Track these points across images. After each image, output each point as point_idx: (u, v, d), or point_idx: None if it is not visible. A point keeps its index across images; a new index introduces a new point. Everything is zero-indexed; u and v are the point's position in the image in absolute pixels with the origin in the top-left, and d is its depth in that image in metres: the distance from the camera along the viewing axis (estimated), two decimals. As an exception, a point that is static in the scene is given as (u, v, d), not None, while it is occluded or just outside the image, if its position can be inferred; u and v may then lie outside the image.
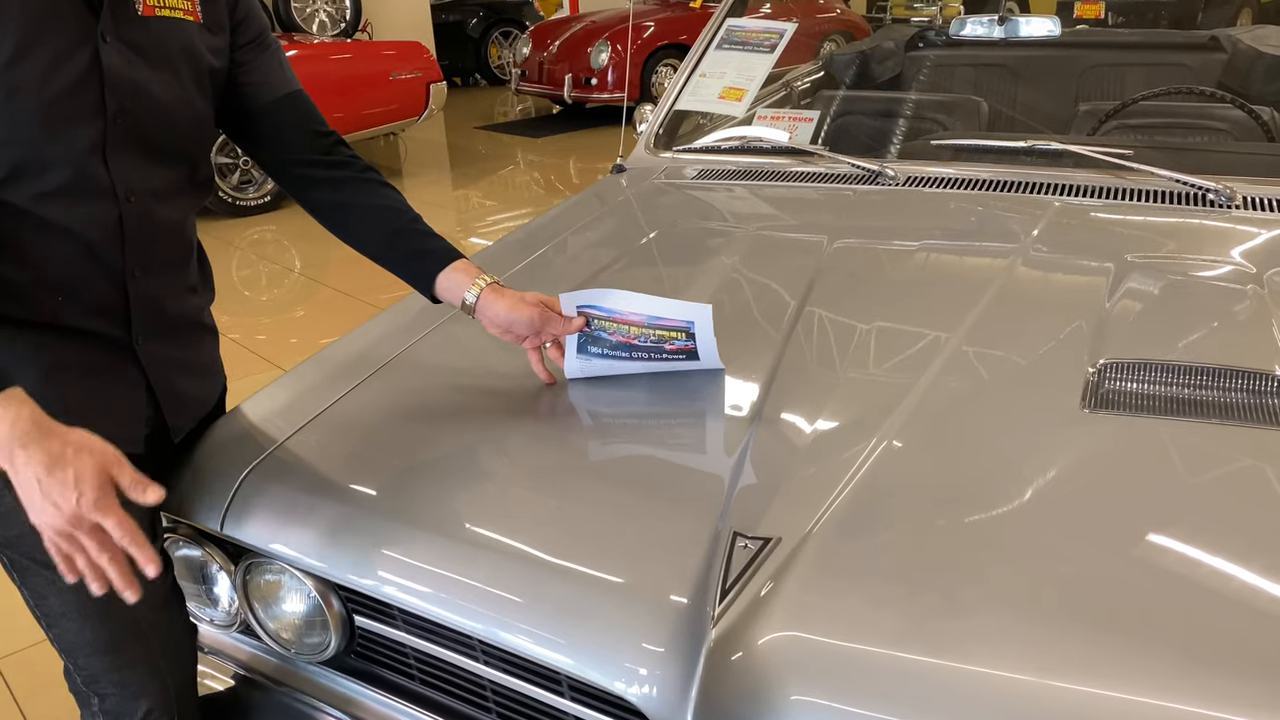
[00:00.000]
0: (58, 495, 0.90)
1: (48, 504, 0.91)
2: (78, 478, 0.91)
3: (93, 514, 0.91)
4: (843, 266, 1.64)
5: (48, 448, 0.91)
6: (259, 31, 1.25)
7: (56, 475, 0.91)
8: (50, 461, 0.91)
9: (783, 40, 2.33)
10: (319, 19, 8.67)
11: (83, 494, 0.91)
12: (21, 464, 0.91)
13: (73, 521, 0.92)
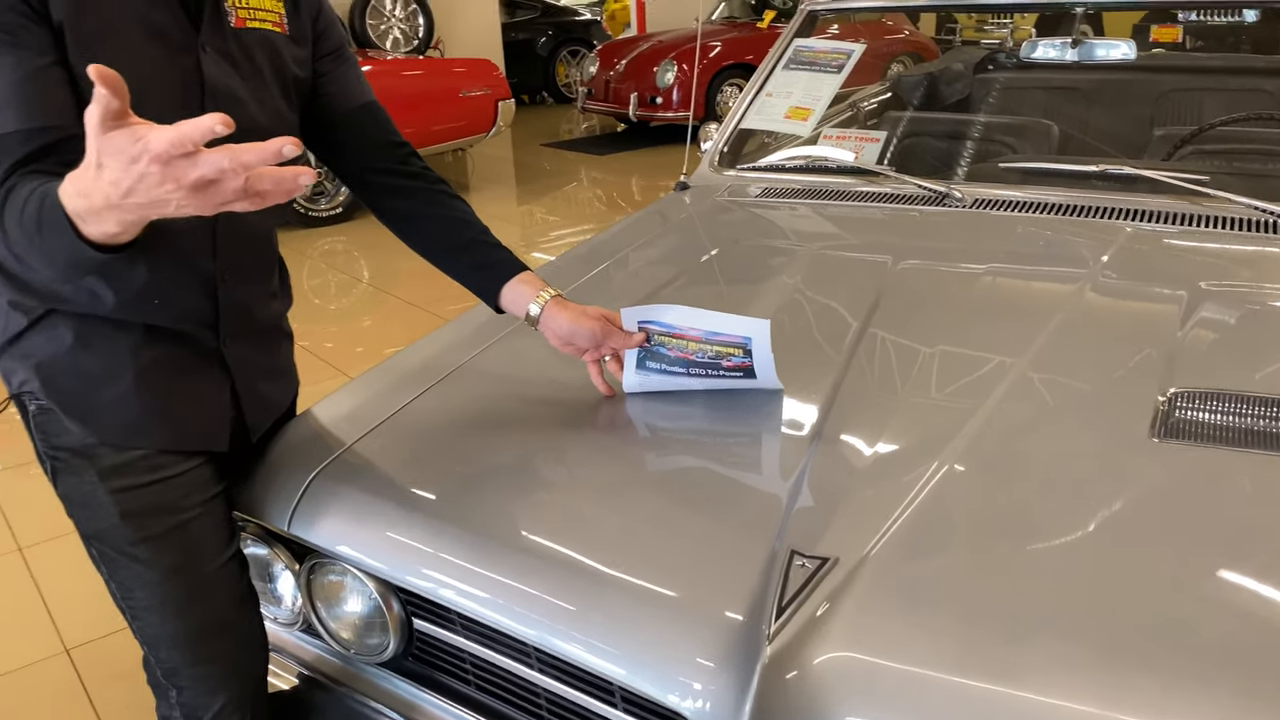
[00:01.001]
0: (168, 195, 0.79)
1: (173, 202, 0.79)
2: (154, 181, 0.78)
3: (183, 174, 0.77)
4: (907, 288, 1.63)
5: (107, 184, 0.79)
6: (338, 44, 1.30)
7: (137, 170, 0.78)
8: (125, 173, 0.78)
9: (850, 61, 2.33)
10: (393, 36, 8.87)
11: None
12: (125, 208, 0.81)
13: (193, 198, 0.79)
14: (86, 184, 0.81)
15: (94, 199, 0.81)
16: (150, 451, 1.16)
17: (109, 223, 0.83)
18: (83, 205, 0.83)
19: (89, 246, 0.86)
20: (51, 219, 0.86)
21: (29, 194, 0.91)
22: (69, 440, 1.15)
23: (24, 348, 1.13)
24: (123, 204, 0.79)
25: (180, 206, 0.79)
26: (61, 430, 1.14)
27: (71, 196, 0.83)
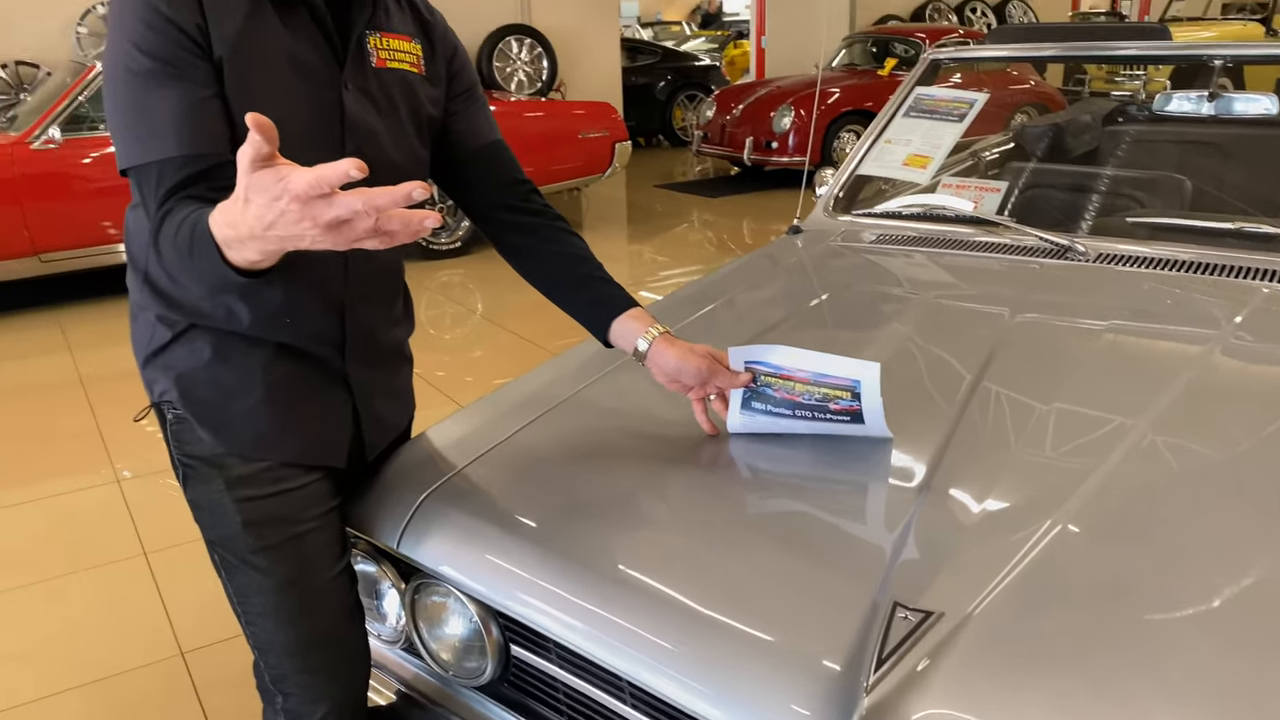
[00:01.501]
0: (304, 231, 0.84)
1: (318, 239, 0.85)
2: (293, 218, 0.84)
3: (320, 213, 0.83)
4: (1024, 342, 1.59)
5: (252, 217, 0.85)
6: (470, 84, 1.36)
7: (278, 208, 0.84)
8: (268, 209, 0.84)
9: (972, 110, 2.30)
10: (517, 78, 9.16)
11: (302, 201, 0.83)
12: (266, 239, 0.86)
13: (328, 234, 0.84)
14: (234, 215, 0.88)
15: (239, 229, 0.88)
16: (274, 464, 1.22)
17: (251, 251, 0.90)
18: (229, 234, 0.90)
19: (233, 271, 0.93)
20: (202, 244, 0.94)
21: (183, 219, 0.99)
22: (200, 449, 1.21)
23: (166, 359, 1.21)
24: (264, 236, 0.86)
25: (315, 241, 0.85)
26: (194, 439, 1.21)
27: (220, 225, 0.91)
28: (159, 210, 1.04)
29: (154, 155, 1.05)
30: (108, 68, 1.07)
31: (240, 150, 0.83)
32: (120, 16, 1.06)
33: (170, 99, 1.04)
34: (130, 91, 1.05)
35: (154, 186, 1.05)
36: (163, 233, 1.02)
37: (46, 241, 5.18)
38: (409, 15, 1.28)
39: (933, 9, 11.93)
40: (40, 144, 5.09)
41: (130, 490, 3.25)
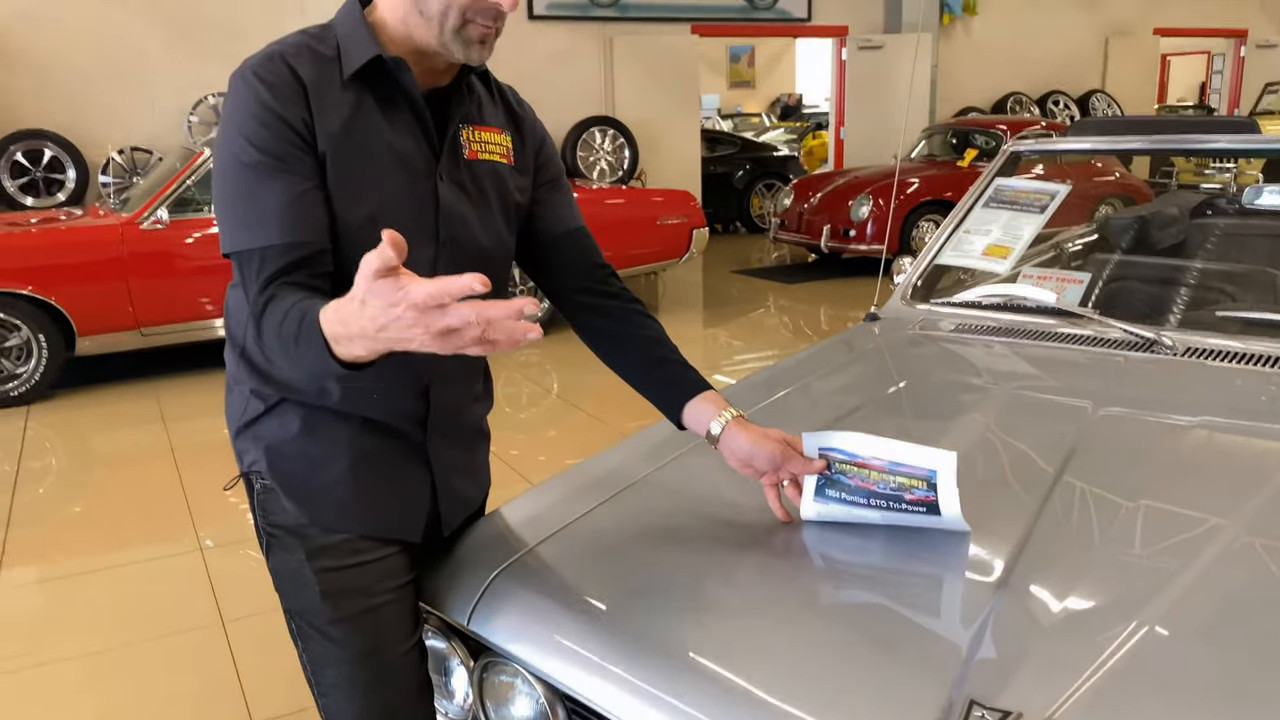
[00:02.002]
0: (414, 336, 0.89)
1: (425, 343, 0.90)
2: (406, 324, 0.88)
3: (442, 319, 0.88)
4: (1108, 437, 1.55)
5: (367, 319, 0.90)
6: (556, 173, 1.41)
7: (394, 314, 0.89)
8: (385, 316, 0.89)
9: (1054, 202, 2.29)
10: (600, 166, 9.41)
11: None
12: (376, 340, 0.91)
13: (438, 341, 0.89)
14: (347, 314, 0.93)
15: (351, 328, 0.93)
16: (353, 536, 1.25)
17: (358, 348, 0.94)
18: (340, 331, 0.94)
19: (337, 363, 0.97)
20: (310, 336, 0.99)
21: (289, 307, 1.04)
22: (285, 519, 1.25)
23: (258, 431, 1.26)
24: (375, 337, 0.91)
25: (422, 345, 0.90)
26: (279, 509, 1.25)
27: (331, 322, 0.96)
28: (261, 294, 1.10)
29: (258, 242, 1.11)
30: (218, 157, 1.14)
31: (366, 257, 0.88)
32: (233, 109, 1.13)
33: (276, 190, 1.11)
34: (238, 181, 1.12)
35: (255, 271, 1.11)
36: (266, 317, 1.08)
37: (149, 316, 5.44)
38: (500, 108, 1.34)
39: (1014, 101, 11.95)
40: (149, 224, 5.39)
41: (212, 559, 3.33)
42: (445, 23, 1.15)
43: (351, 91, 1.17)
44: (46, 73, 7.46)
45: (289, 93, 1.13)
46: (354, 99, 1.17)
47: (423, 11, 1.16)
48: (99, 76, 7.62)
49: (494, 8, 1.15)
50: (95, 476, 4.30)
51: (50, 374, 5.27)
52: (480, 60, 1.19)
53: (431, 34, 1.17)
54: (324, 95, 1.15)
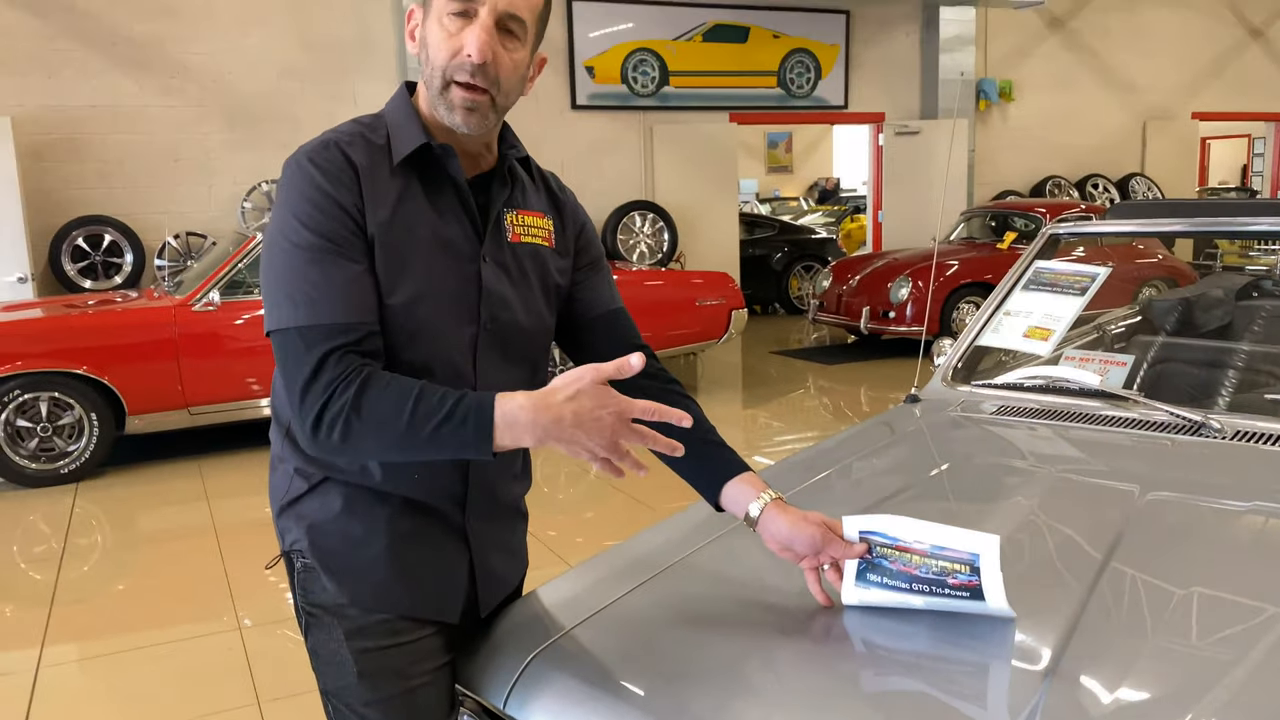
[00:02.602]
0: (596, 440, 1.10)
1: (593, 444, 1.10)
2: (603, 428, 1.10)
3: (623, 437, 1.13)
4: (1157, 521, 1.51)
5: (570, 412, 1.09)
6: (595, 256, 1.44)
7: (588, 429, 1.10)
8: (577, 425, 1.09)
9: (1095, 284, 2.28)
10: (640, 249, 9.55)
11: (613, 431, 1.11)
12: (562, 431, 1.09)
13: (609, 449, 1.12)
14: (545, 402, 1.06)
15: (542, 416, 1.07)
16: (391, 617, 1.26)
17: (525, 437, 1.08)
18: (522, 417, 1.07)
19: (488, 447, 1.09)
20: (469, 416, 1.09)
21: (420, 387, 1.12)
22: (324, 598, 1.26)
23: (300, 509, 1.27)
24: (557, 430, 1.07)
25: (589, 449, 1.09)
26: (319, 588, 1.26)
27: (520, 407, 1.08)
28: (323, 370, 1.12)
29: (306, 320, 1.13)
30: (270, 238, 1.18)
31: (603, 365, 1.08)
32: (287, 192, 1.18)
33: (327, 271, 1.14)
34: (289, 261, 1.15)
35: (304, 348, 1.13)
36: (372, 389, 1.11)
37: (197, 395, 5.55)
38: (543, 193, 1.38)
39: (1052, 185, 11.99)
40: (201, 306, 5.54)
41: (250, 638, 3.33)
42: (433, 85, 1.20)
43: (400, 177, 1.22)
44: (111, 163, 7.79)
45: (343, 177, 1.17)
46: (402, 184, 1.21)
47: (428, 84, 1.21)
48: (160, 166, 7.94)
49: (466, 62, 1.17)
50: (139, 554, 4.35)
51: (100, 452, 5.38)
52: (469, 129, 1.21)
53: (435, 109, 1.22)
54: (375, 181, 1.19)
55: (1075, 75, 12.07)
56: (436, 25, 1.18)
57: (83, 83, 7.63)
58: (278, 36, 8.18)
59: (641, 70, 9.61)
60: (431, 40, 1.19)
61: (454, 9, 1.17)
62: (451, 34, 1.17)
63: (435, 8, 1.19)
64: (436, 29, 1.18)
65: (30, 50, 7.46)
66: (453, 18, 1.17)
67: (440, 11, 1.18)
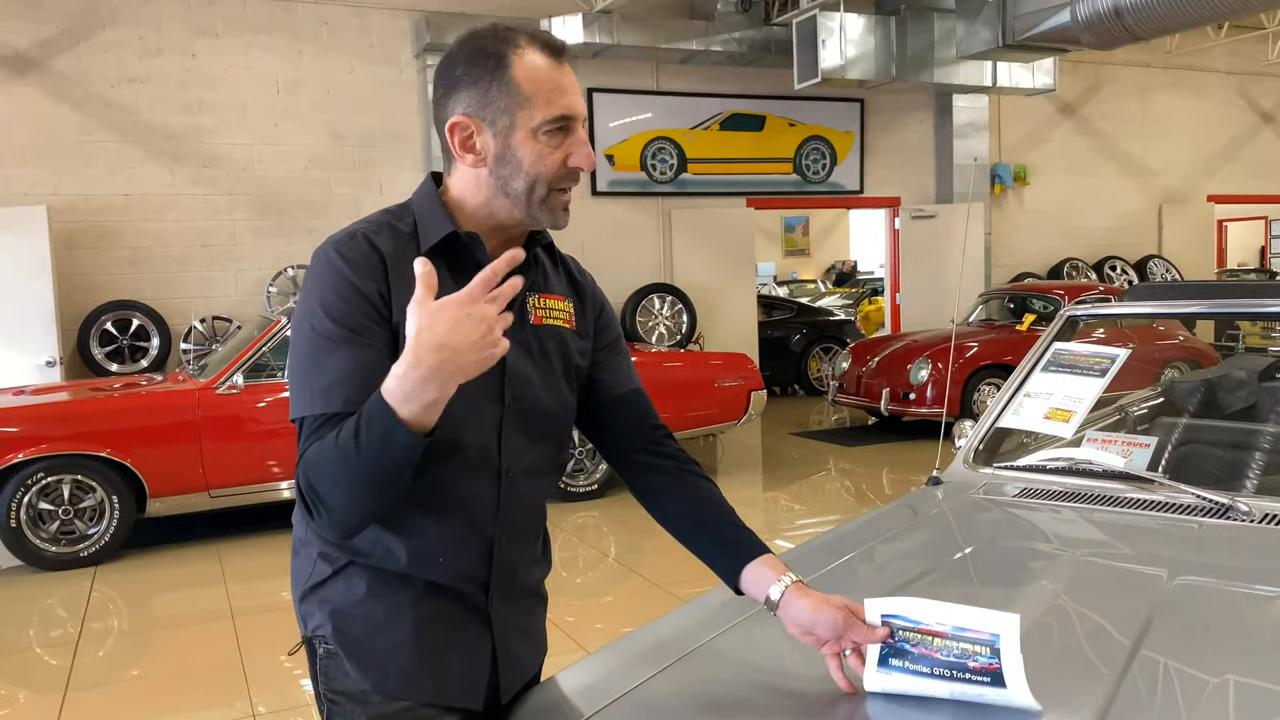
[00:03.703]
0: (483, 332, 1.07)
1: (484, 338, 1.07)
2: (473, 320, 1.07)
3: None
4: (1187, 607, 1.48)
5: (432, 345, 1.06)
6: (614, 337, 1.46)
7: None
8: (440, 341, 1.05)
9: (1114, 365, 2.27)
10: (659, 331, 9.61)
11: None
12: (445, 362, 1.06)
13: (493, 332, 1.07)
14: (410, 357, 1.05)
15: (420, 368, 1.04)
16: (414, 704, 1.24)
17: (428, 392, 1.05)
18: (408, 383, 1.05)
19: (405, 431, 1.06)
20: (370, 417, 1.07)
21: (336, 428, 1.12)
22: (346, 685, 1.25)
23: (324, 594, 1.27)
24: (443, 354, 1.04)
25: (490, 346, 1.06)
26: (341, 674, 1.25)
27: (396, 378, 1.06)
28: (306, 442, 1.16)
29: (322, 409, 1.16)
30: (295, 326, 1.21)
31: (414, 298, 1.06)
32: (314, 282, 1.21)
33: (345, 360, 1.17)
34: (311, 349, 1.18)
35: (317, 433, 1.16)
36: (310, 451, 1.13)
37: (218, 478, 5.57)
38: (563, 276, 1.41)
39: (1070, 266, 12.04)
40: (224, 389, 5.60)
41: (263, 725, 3.28)
42: (532, 197, 1.26)
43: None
44: (142, 249, 7.99)
45: (368, 267, 1.20)
46: None
47: (508, 193, 1.25)
48: (189, 252, 8.13)
49: (576, 172, 1.26)
50: (155, 638, 4.31)
51: (120, 535, 5.38)
52: (565, 224, 1.29)
53: (518, 210, 1.27)
54: (401, 268, 1.22)
55: (1089, 159, 12.22)
56: (531, 140, 1.24)
57: (117, 172, 7.87)
58: (307, 128, 8.44)
59: (660, 158, 9.81)
60: (527, 154, 1.24)
61: (553, 127, 1.24)
62: (555, 147, 1.25)
63: (523, 124, 1.24)
64: (532, 144, 1.24)
65: (68, 141, 7.72)
66: (551, 134, 1.24)
67: (534, 128, 1.23)
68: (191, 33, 8.06)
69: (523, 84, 1.22)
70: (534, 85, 1.22)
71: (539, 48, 1.24)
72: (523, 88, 1.22)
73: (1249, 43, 12.58)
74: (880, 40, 9.21)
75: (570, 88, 1.25)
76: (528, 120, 1.23)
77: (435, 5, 8.64)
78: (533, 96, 1.22)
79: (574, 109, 1.25)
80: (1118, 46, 8.68)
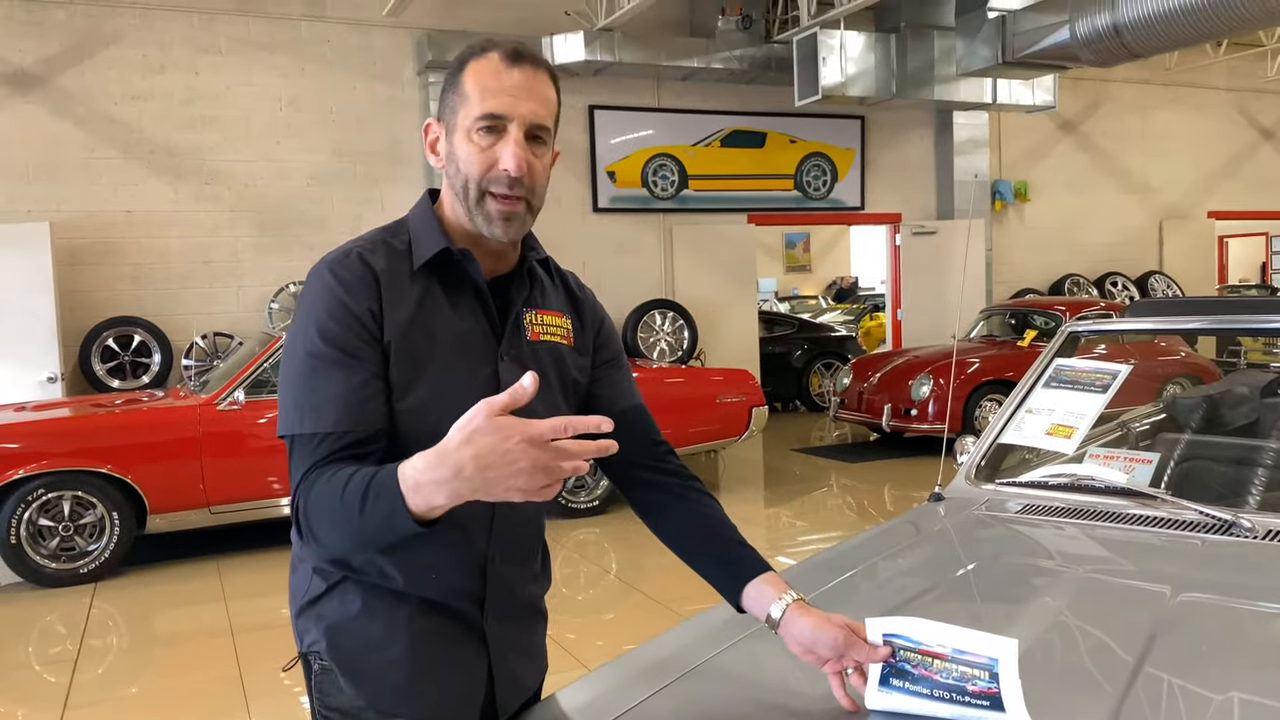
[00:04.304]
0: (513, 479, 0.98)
1: (515, 484, 0.98)
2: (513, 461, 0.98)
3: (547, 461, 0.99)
4: (1190, 624, 1.47)
5: (468, 457, 0.98)
6: (615, 353, 1.46)
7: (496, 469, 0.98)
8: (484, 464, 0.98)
9: (1116, 381, 2.27)
10: (659, 347, 9.62)
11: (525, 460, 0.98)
12: (469, 481, 0.99)
13: (534, 482, 0.99)
14: (442, 456, 0.99)
15: (441, 469, 0.98)
16: None
17: (440, 495, 1.00)
18: (425, 477, 1.00)
19: (407, 517, 1.02)
20: (381, 489, 1.04)
21: (351, 474, 1.09)
22: (341, 701, 1.24)
23: (319, 610, 1.27)
24: (467, 482, 0.97)
25: (509, 489, 0.97)
26: (336, 690, 1.24)
27: (417, 468, 1.01)
28: (308, 471, 1.15)
29: (311, 428, 1.17)
30: (288, 344, 1.22)
31: (493, 399, 0.98)
32: (308, 301, 1.21)
33: (336, 380, 1.17)
34: (302, 368, 1.19)
35: (309, 453, 1.16)
36: (319, 486, 1.12)
37: (219, 494, 5.56)
38: (561, 292, 1.41)
39: (1071, 282, 12.05)
40: (225, 405, 5.60)
41: (262, 743, 3.26)
42: (468, 199, 1.24)
43: (420, 281, 1.25)
44: (144, 265, 8.00)
45: (361, 287, 1.20)
46: (423, 288, 1.24)
47: (455, 192, 1.25)
48: (191, 268, 8.15)
49: (504, 175, 1.21)
50: (154, 656, 4.29)
51: (120, 551, 5.37)
52: (506, 238, 1.25)
53: (465, 213, 1.25)
54: (395, 286, 1.22)
55: (1090, 175, 12.25)
56: (465, 140, 1.22)
57: (120, 189, 7.90)
58: (309, 145, 8.47)
59: (661, 174, 9.84)
60: (462, 155, 1.23)
61: (483, 125, 1.21)
62: (483, 149, 1.22)
63: (461, 123, 1.23)
64: (466, 144, 1.22)
65: (71, 158, 7.75)
66: (482, 133, 1.21)
67: (468, 127, 1.22)
68: (195, 51, 8.11)
69: (466, 84, 1.23)
70: (475, 85, 1.22)
71: (498, 52, 1.23)
72: (465, 87, 1.23)
73: (1248, 60, 12.63)
74: (880, 58, 9.25)
75: (512, 89, 1.21)
76: (465, 120, 1.23)
77: (437, 23, 8.69)
78: (470, 95, 1.22)
79: (506, 109, 1.21)
80: (1117, 64, 8.72)
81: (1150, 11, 7.58)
